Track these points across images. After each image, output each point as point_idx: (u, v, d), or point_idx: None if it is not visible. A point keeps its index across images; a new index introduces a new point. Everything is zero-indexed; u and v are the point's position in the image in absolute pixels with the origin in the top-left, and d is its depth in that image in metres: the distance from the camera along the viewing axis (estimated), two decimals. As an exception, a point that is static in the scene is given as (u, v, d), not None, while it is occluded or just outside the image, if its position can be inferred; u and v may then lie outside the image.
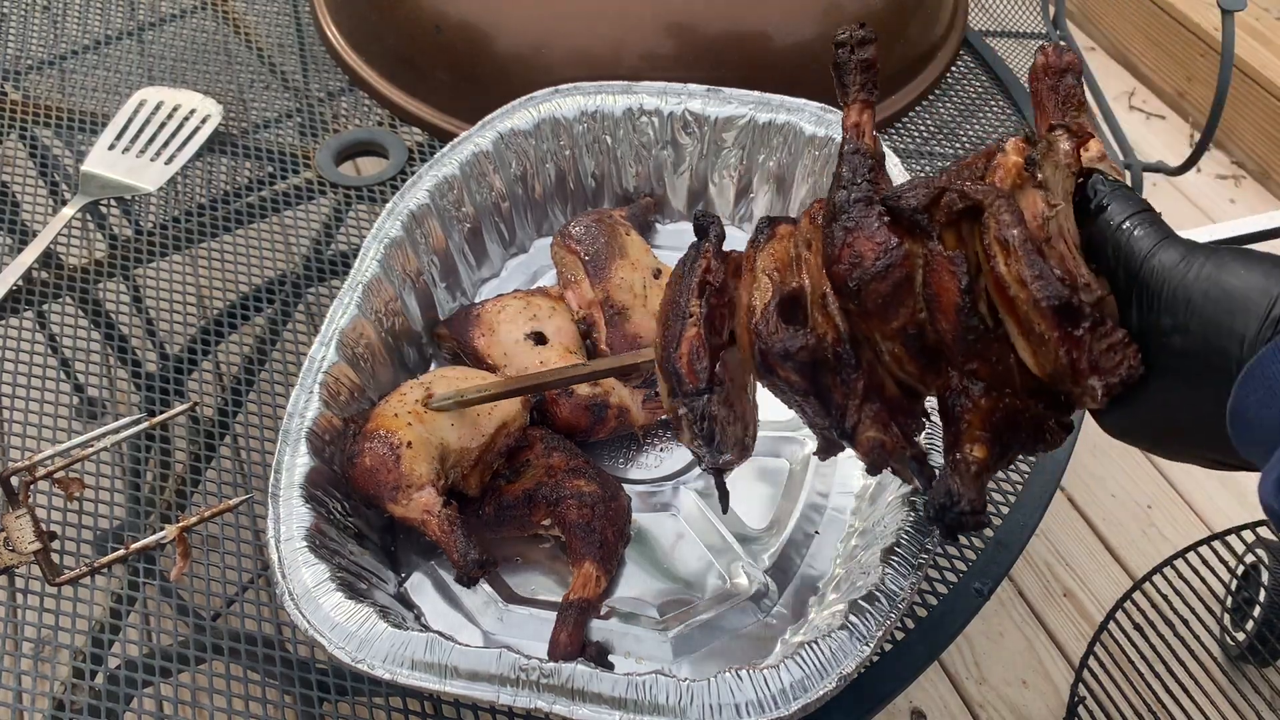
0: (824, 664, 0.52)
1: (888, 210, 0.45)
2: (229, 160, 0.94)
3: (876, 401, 0.47)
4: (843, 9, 0.93)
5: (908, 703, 1.34)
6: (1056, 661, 1.40)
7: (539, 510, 0.63)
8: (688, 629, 0.62)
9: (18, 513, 0.62)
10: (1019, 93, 1.02)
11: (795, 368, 0.47)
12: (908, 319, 0.44)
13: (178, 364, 0.80)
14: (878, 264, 0.44)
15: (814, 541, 0.66)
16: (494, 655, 0.53)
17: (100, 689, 0.62)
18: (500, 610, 0.64)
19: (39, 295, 0.83)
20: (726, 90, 0.80)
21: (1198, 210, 1.97)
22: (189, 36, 1.06)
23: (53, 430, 0.74)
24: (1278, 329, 0.35)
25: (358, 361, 0.68)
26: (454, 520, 0.61)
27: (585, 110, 0.81)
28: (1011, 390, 0.44)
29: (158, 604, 0.68)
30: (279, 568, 0.57)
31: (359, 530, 0.65)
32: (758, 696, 0.51)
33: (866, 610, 0.54)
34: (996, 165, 0.44)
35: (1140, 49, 2.23)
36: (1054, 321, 0.39)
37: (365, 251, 0.72)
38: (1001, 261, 0.41)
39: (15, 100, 0.98)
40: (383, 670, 0.53)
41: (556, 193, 0.84)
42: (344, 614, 0.55)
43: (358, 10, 1.00)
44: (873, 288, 0.44)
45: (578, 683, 0.52)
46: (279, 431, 0.63)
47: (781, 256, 0.50)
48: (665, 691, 0.51)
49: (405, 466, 0.62)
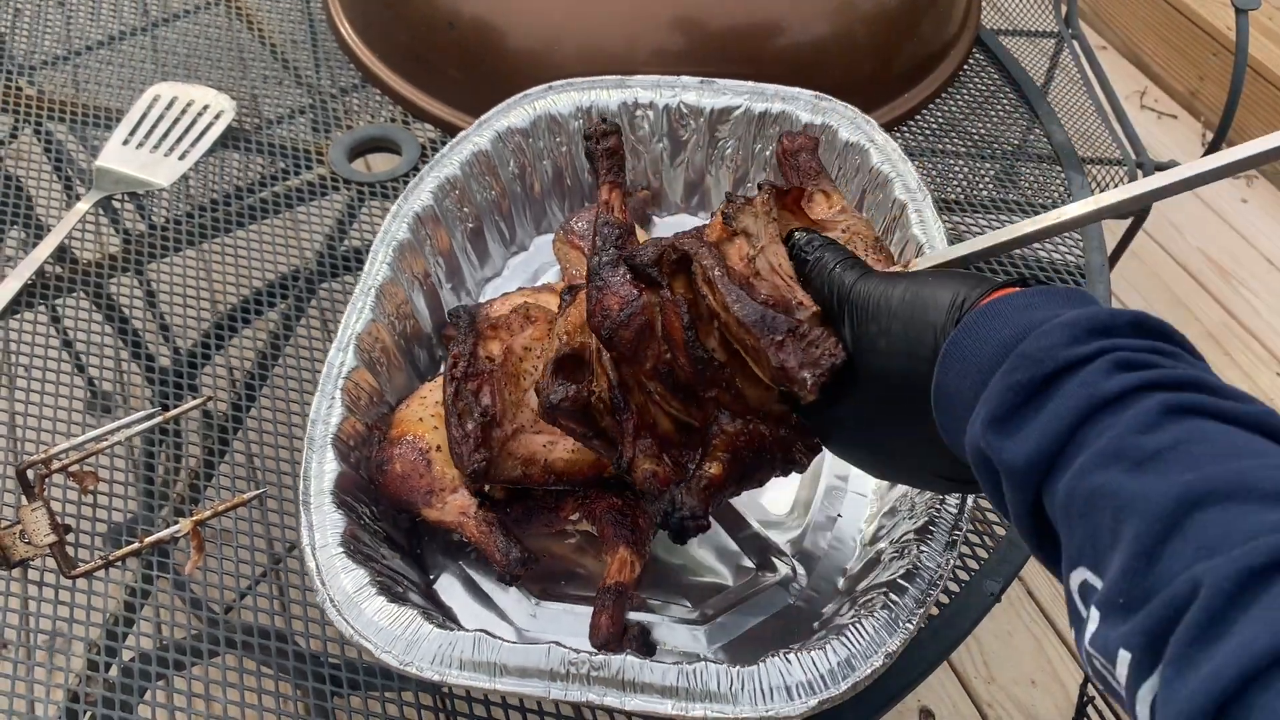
0: (870, 643, 0.52)
1: (630, 269, 0.52)
2: (242, 156, 0.94)
3: (649, 438, 0.53)
4: (856, 6, 0.93)
5: (916, 702, 1.34)
6: (1065, 661, 1.39)
7: (567, 505, 0.63)
8: (720, 616, 0.63)
9: (33, 506, 0.62)
10: (1031, 91, 1.02)
11: (567, 415, 0.54)
12: (656, 359, 0.51)
13: (190, 359, 0.80)
14: (621, 314, 0.51)
15: (837, 524, 0.67)
16: (543, 651, 0.53)
17: (114, 681, 0.63)
18: (532, 607, 0.64)
19: (53, 290, 0.83)
20: (720, 81, 0.80)
21: (1210, 210, 1.97)
22: (202, 32, 1.06)
23: (67, 424, 0.75)
24: (962, 314, 0.41)
25: (375, 366, 0.68)
26: (492, 521, 0.61)
27: (580, 106, 0.81)
28: (756, 416, 0.51)
29: (171, 597, 0.68)
30: (317, 575, 0.57)
31: (387, 534, 0.64)
32: (807, 678, 0.51)
33: (906, 588, 0.54)
34: (709, 226, 0.52)
35: (1152, 48, 2.23)
36: (757, 334, 0.46)
37: (374, 255, 0.72)
38: (710, 296, 0.48)
39: (30, 95, 0.99)
40: (431, 672, 0.53)
41: (554, 189, 0.84)
42: (387, 618, 0.55)
43: (371, 6, 1.00)
44: (621, 334, 0.51)
45: (628, 674, 0.52)
46: (304, 438, 0.63)
47: (575, 320, 0.56)
48: (716, 678, 0.51)
49: (437, 470, 0.62)
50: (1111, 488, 0.33)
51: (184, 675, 0.63)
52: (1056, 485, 0.35)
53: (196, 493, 0.73)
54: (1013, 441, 0.36)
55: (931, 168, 0.96)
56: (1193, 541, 0.31)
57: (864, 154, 0.75)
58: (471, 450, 0.58)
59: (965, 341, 0.40)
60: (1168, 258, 1.90)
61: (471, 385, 0.60)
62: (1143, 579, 0.31)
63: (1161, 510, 0.32)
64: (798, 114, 0.78)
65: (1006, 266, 0.86)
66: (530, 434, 0.61)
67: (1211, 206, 1.98)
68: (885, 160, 0.74)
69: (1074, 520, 0.35)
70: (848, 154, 0.77)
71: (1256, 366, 1.76)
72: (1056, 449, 0.36)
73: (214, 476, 0.74)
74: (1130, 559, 0.32)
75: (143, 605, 0.68)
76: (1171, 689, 0.29)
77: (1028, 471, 0.36)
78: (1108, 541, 0.33)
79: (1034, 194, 0.93)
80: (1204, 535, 0.31)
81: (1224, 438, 0.33)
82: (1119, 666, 0.31)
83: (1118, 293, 1.94)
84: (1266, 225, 1.97)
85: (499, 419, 0.60)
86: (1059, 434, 0.35)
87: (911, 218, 0.70)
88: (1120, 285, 1.94)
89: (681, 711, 0.51)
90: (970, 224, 0.90)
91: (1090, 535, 0.34)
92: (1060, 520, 0.36)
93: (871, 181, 0.74)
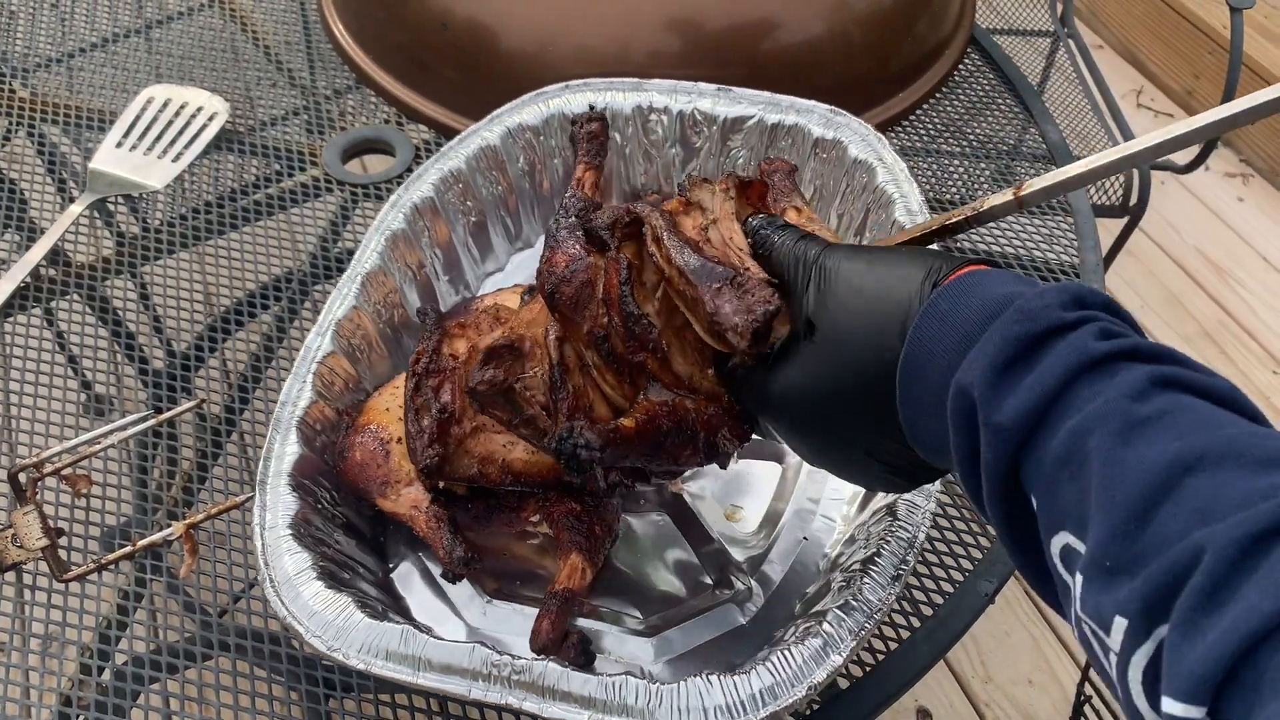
0: (796, 672, 0.52)
1: (585, 232, 0.53)
2: (236, 158, 0.94)
3: (582, 419, 0.53)
4: (851, 7, 0.93)
5: (913, 701, 1.34)
6: (1063, 660, 1.39)
7: (528, 507, 0.63)
8: (670, 630, 0.63)
9: (25, 509, 0.62)
10: (1026, 90, 1.02)
11: (488, 399, 0.55)
12: (594, 321, 0.52)
13: (185, 361, 0.80)
14: (566, 270, 0.53)
15: (801, 548, 0.66)
16: (467, 650, 0.53)
17: (107, 685, 0.63)
18: (484, 605, 0.64)
19: (47, 292, 0.83)
20: (737, 90, 0.80)
21: (1206, 209, 1.97)
22: (196, 34, 1.06)
23: (60, 427, 0.75)
24: (937, 284, 0.41)
25: (354, 353, 0.69)
26: (441, 517, 0.61)
27: (595, 106, 0.81)
28: (684, 390, 0.52)
29: (165, 600, 0.68)
30: (262, 555, 0.58)
31: (347, 520, 0.65)
32: (726, 701, 0.51)
33: (843, 620, 0.53)
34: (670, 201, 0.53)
35: (1148, 47, 2.23)
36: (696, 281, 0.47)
37: (366, 243, 0.72)
38: (658, 253, 0.49)
39: (24, 97, 0.99)
40: (357, 660, 0.53)
41: (564, 189, 0.84)
42: (322, 603, 0.55)
43: (365, 8, 1.00)
44: (562, 290, 0.52)
45: (548, 680, 0.52)
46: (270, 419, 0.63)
47: (526, 316, 0.57)
48: (634, 693, 0.51)
49: (394, 462, 0.62)
50: (1104, 450, 0.33)
51: (178, 679, 0.63)
52: (1043, 446, 0.35)
53: (190, 495, 0.73)
54: (1001, 397, 0.36)
55: (928, 168, 0.96)
56: (1186, 505, 0.31)
57: (870, 172, 0.74)
58: (426, 445, 0.59)
59: (944, 305, 0.40)
60: (1164, 256, 1.90)
61: (433, 382, 0.60)
62: (1133, 543, 0.31)
63: (1153, 475, 0.32)
64: (810, 128, 0.77)
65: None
66: (490, 433, 0.61)
67: (1207, 205, 1.99)
68: (891, 180, 0.73)
69: (1061, 483, 0.34)
70: (855, 171, 0.76)
71: (1252, 365, 1.76)
72: (1045, 406, 0.35)
73: (207, 479, 0.74)
74: (1121, 522, 0.32)
75: (136, 608, 0.67)
76: (1179, 653, 0.29)
77: (1013, 429, 0.36)
78: (1095, 504, 0.33)
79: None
80: (1198, 499, 0.31)
81: (1206, 410, 0.34)
82: (1114, 633, 0.31)
83: (1114, 290, 1.94)
84: (1262, 224, 1.97)
85: (458, 417, 0.60)
86: (1049, 391, 0.35)
87: None
88: (1116, 283, 1.94)
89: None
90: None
91: (1077, 498, 0.34)
92: (1041, 483, 0.35)
93: (875, 201, 0.74)
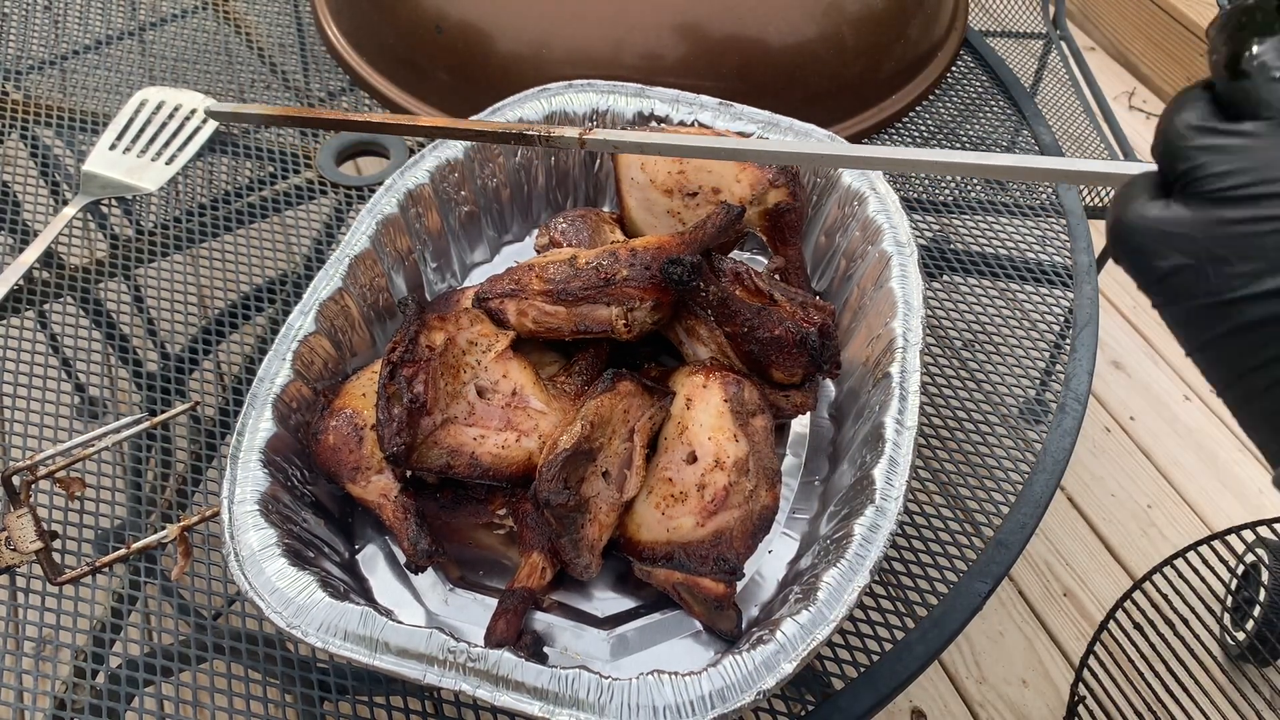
0: (746, 677, 0.52)
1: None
2: (230, 160, 0.94)
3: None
4: (843, 10, 0.93)
5: (908, 702, 1.34)
6: (1056, 661, 1.40)
7: (497, 500, 0.64)
8: (628, 630, 0.63)
9: (19, 512, 0.62)
10: (1019, 92, 1.02)
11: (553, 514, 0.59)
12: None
13: (179, 364, 0.80)
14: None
15: (765, 558, 0.66)
16: (425, 635, 0.53)
17: (101, 688, 0.63)
18: (446, 592, 0.65)
19: (40, 295, 0.83)
20: (738, 106, 0.80)
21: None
22: (190, 36, 1.06)
23: (54, 430, 0.75)
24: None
25: (336, 334, 0.69)
26: (409, 508, 0.62)
27: (597, 109, 0.81)
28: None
29: (159, 603, 0.68)
30: (228, 528, 0.58)
31: (317, 499, 0.65)
32: (675, 701, 0.52)
33: (796, 629, 0.54)
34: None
35: (1140, 49, 2.24)
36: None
37: (357, 226, 0.72)
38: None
39: (17, 100, 0.98)
40: (315, 639, 0.53)
41: (559, 186, 0.85)
42: (285, 580, 0.56)
43: (358, 10, 1.00)
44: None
45: (503, 670, 0.52)
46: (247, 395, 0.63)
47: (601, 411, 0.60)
48: (587, 687, 0.52)
49: (367, 449, 0.62)
50: None
51: (172, 682, 0.63)
52: None
53: (184, 498, 0.73)
54: None
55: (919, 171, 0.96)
56: None
57: (863, 202, 0.75)
58: (394, 434, 0.59)
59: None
60: (1157, 258, 1.90)
61: (407, 371, 0.61)
62: None
63: None
64: None
65: (991, 262, 0.86)
66: (461, 425, 0.61)
67: (1200, 207, 1.99)
68: (881, 210, 0.73)
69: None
70: (848, 200, 0.76)
71: (1245, 366, 1.76)
72: None
73: (201, 482, 0.74)
74: None
75: (130, 611, 0.67)
76: None
77: None
78: None
79: (1023, 196, 0.93)
80: None
81: None
82: None
83: (1109, 293, 1.95)
84: (1255, 225, 1.97)
85: (429, 407, 0.60)
86: None
87: (894, 270, 0.70)
88: (1112, 285, 1.95)
89: (548, 715, 0.51)
90: (958, 225, 0.90)
91: None
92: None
93: (864, 230, 0.74)
